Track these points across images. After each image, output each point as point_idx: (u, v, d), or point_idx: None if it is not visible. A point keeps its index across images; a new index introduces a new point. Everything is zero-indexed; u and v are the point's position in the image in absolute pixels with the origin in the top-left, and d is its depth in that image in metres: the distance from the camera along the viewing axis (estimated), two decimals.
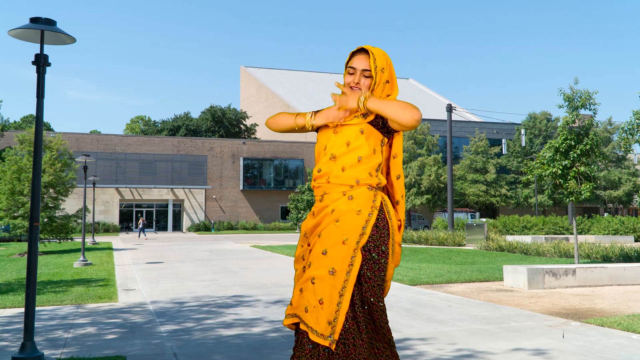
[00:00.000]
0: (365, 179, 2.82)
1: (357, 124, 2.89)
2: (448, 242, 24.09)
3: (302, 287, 2.74)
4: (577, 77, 14.33)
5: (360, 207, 2.75)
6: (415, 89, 74.00)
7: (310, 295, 2.68)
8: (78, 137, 45.93)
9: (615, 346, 5.53)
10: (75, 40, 5.50)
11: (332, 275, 2.64)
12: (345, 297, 2.62)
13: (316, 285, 2.66)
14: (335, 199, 2.82)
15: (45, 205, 21.20)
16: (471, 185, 48.70)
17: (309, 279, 2.70)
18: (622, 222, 31.20)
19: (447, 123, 29.23)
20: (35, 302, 5.08)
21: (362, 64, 2.96)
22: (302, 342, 2.73)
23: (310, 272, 2.71)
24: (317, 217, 2.85)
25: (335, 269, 2.65)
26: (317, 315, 2.63)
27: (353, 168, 2.81)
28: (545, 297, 9.13)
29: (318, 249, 2.73)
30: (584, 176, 13.69)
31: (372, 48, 2.97)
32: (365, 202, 2.77)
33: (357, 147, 2.84)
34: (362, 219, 2.73)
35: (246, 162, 50.04)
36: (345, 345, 2.64)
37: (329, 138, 2.95)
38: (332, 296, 2.62)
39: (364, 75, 2.96)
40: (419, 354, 5.18)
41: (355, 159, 2.83)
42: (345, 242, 2.69)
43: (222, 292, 10.03)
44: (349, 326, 2.66)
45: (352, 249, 2.68)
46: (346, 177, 2.81)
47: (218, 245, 26.13)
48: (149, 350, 5.60)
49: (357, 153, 2.83)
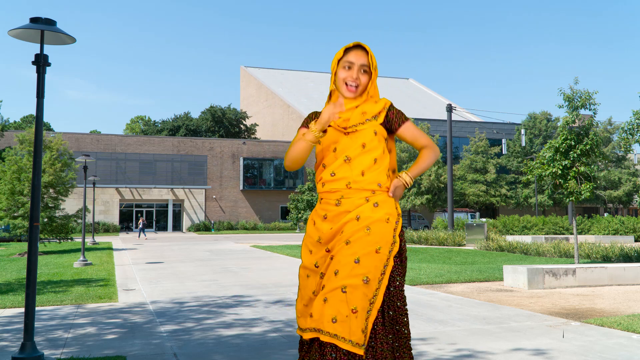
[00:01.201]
0: (385, 181, 2.85)
1: (371, 127, 2.88)
2: (448, 242, 24.09)
3: (328, 297, 2.66)
4: (577, 77, 14.33)
5: (388, 215, 2.77)
6: (415, 89, 73.98)
7: (341, 304, 2.62)
8: (78, 137, 45.93)
9: (615, 346, 5.53)
10: (75, 40, 5.50)
11: (366, 284, 2.62)
12: (375, 304, 2.62)
13: (348, 294, 2.62)
14: (358, 204, 2.79)
15: (45, 205, 21.20)
16: (471, 185, 48.70)
17: (338, 287, 2.64)
18: (622, 222, 31.19)
19: (447, 123, 29.22)
20: (35, 302, 5.08)
21: (361, 59, 2.91)
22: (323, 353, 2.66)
23: (340, 281, 2.65)
24: (338, 224, 2.78)
25: (369, 278, 2.63)
26: (351, 325, 2.59)
27: (372, 171, 2.82)
28: (545, 297, 9.13)
29: (349, 258, 2.67)
30: (584, 176, 13.68)
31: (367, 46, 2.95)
32: (391, 209, 2.80)
33: (373, 148, 2.84)
34: (391, 227, 2.76)
35: (246, 162, 50.04)
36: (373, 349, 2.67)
37: (337, 139, 2.89)
38: (364, 305, 2.61)
39: (362, 71, 2.91)
40: (419, 354, 5.18)
41: (371, 160, 2.83)
42: (379, 251, 2.69)
43: (222, 292, 10.03)
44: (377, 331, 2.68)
45: (385, 258, 2.69)
46: (367, 182, 2.81)
47: (218, 245, 26.12)
48: (149, 350, 5.60)
49: (372, 154, 2.84)
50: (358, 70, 2.91)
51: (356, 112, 2.91)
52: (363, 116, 2.90)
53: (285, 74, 71.49)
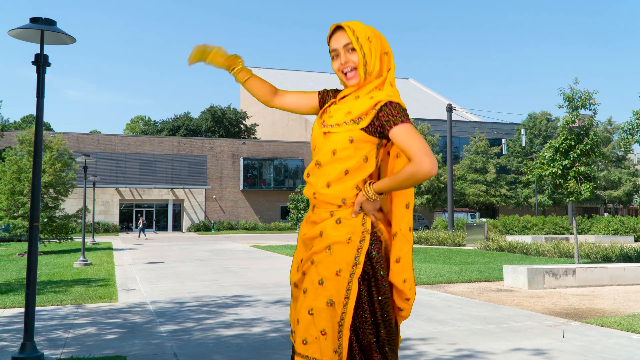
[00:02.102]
0: (352, 197, 2.49)
1: (346, 131, 2.48)
2: (448, 242, 24.08)
3: (299, 318, 2.54)
4: (577, 77, 14.34)
5: (350, 234, 2.48)
6: (415, 89, 74.00)
7: (310, 326, 2.50)
8: (78, 137, 45.92)
9: (615, 346, 5.53)
10: (75, 40, 5.50)
11: (331, 307, 2.48)
12: (345, 326, 2.48)
13: (315, 317, 2.50)
14: (323, 218, 2.56)
15: (45, 205, 21.19)
16: (471, 185, 48.70)
17: (306, 309, 2.52)
18: (622, 222, 31.19)
19: (447, 123, 29.22)
20: (35, 302, 5.08)
21: (342, 40, 2.56)
22: None
23: (307, 302, 2.53)
24: (310, 233, 2.61)
25: (333, 301, 2.48)
26: (321, 346, 2.49)
27: (339, 183, 2.49)
28: (545, 297, 9.13)
29: (314, 277, 2.52)
30: (584, 176, 13.68)
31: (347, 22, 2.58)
32: (355, 227, 2.49)
33: (344, 157, 2.48)
34: (354, 248, 2.47)
35: (246, 162, 50.03)
36: None
37: (317, 137, 2.60)
38: (334, 326, 2.49)
39: (348, 51, 2.55)
40: (419, 354, 5.18)
41: (341, 171, 2.49)
42: (339, 274, 2.47)
43: (222, 292, 10.03)
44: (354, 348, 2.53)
45: (347, 282, 2.47)
46: (331, 196, 2.51)
47: (218, 245, 26.12)
48: (149, 350, 5.60)
49: (343, 165, 2.48)
50: (344, 53, 2.56)
51: (343, 108, 2.55)
52: (347, 116, 2.51)
53: (285, 74, 71.50)
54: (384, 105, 2.46)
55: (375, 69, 2.57)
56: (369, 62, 2.54)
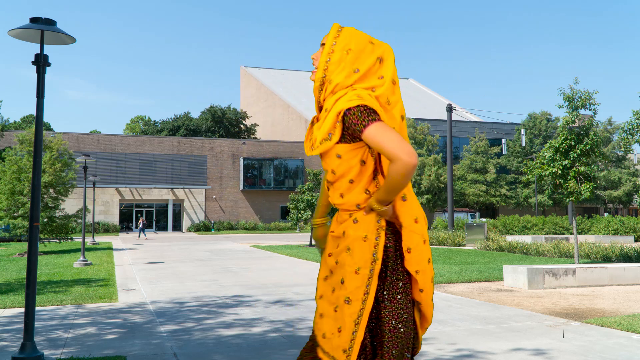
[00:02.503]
0: (364, 201, 2.62)
1: (329, 150, 2.58)
2: (448, 242, 24.09)
3: (323, 313, 2.69)
4: (577, 77, 14.34)
5: (366, 232, 2.60)
6: (415, 89, 74.01)
7: (330, 322, 2.64)
8: (78, 137, 45.92)
9: (615, 346, 5.53)
10: (75, 40, 5.50)
11: (349, 305, 2.58)
12: (361, 325, 2.57)
13: (338, 313, 2.62)
14: (344, 219, 2.70)
15: (45, 205, 21.20)
16: (471, 185, 48.70)
17: (332, 305, 2.66)
18: (622, 222, 31.19)
19: (447, 123, 29.22)
20: (35, 302, 5.08)
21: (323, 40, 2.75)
22: None
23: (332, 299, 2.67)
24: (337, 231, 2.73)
25: (350, 299, 2.58)
26: (333, 342, 2.61)
27: (348, 193, 2.64)
28: (545, 297, 9.13)
29: (337, 277, 2.67)
30: (584, 176, 13.69)
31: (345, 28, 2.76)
32: (370, 225, 2.60)
33: (343, 173, 2.61)
34: (370, 245, 2.59)
35: (246, 162, 50.03)
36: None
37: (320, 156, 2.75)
38: (350, 325, 2.58)
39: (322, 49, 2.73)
40: (419, 354, 5.17)
41: (346, 184, 2.63)
42: (358, 272, 2.58)
43: (222, 292, 10.03)
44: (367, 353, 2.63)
45: (367, 278, 2.57)
46: (347, 204, 2.66)
47: (218, 245, 26.12)
48: (149, 350, 5.60)
49: (346, 178, 2.61)
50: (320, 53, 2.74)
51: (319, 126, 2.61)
52: (322, 134, 2.56)
53: (285, 74, 71.49)
54: (344, 115, 2.48)
55: (337, 80, 2.60)
56: (330, 66, 2.62)
